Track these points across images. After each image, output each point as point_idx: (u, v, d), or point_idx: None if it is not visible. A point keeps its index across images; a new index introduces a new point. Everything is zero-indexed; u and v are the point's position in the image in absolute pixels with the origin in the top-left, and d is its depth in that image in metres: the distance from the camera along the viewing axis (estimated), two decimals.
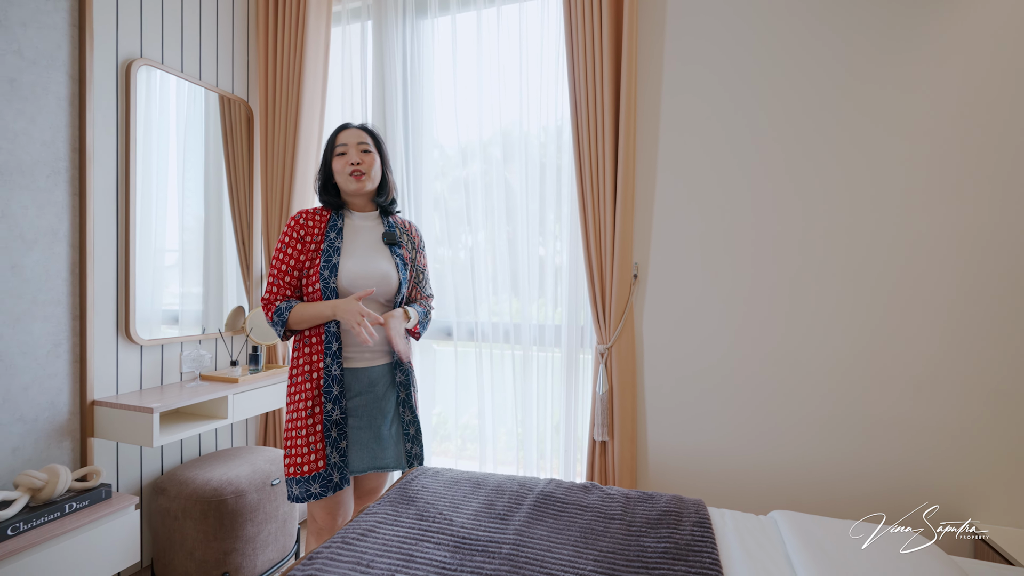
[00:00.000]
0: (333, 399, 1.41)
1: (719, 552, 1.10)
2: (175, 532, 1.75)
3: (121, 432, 1.64)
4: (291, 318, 1.41)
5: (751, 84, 1.78)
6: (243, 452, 2.05)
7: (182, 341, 1.99)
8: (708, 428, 1.85)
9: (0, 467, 1.48)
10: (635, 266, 1.92)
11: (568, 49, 1.86)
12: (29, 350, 1.54)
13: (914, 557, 1.02)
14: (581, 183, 1.86)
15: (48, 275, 1.59)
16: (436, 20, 2.22)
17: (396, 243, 1.54)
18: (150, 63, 1.85)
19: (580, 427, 2.00)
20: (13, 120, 1.50)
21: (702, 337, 1.85)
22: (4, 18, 1.47)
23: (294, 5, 2.18)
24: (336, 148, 1.50)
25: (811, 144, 1.73)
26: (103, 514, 1.51)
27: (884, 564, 1.00)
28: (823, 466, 1.73)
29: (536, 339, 2.07)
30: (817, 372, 1.73)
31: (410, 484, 1.40)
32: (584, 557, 1.07)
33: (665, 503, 1.30)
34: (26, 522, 1.38)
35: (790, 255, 1.76)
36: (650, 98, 1.90)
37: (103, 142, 1.72)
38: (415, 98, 2.23)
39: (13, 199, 1.50)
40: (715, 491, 1.83)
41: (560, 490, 1.38)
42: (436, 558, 1.06)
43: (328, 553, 1.08)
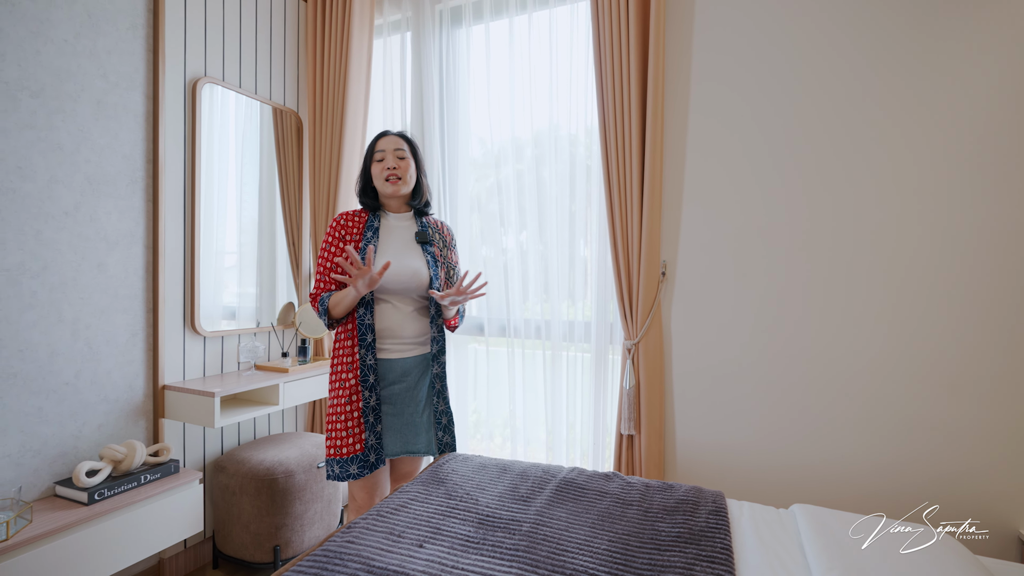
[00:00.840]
0: (369, 387, 1.52)
1: (732, 539, 1.13)
2: (233, 506, 1.93)
3: (187, 414, 1.83)
4: (329, 305, 1.55)
5: (781, 80, 1.78)
6: (292, 437, 2.22)
7: (239, 333, 2.18)
8: (736, 424, 1.85)
9: (88, 441, 1.69)
10: (663, 264, 1.94)
11: (596, 50, 1.91)
12: (112, 339, 1.75)
13: (933, 554, 1.01)
14: (608, 182, 1.91)
15: (127, 273, 1.79)
16: (470, 29, 2.32)
17: (428, 242, 1.65)
18: (213, 80, 2.04)
19: (608, 421, 2.05)
20: (100, 136, 1.71)
21: (731, 334, 1.86)
22: (93, 47, 1.68)
23: (339, 21, 2.34)
24: (375, 154, 1.62)
25: (842, 140, 1.71)
26: (172, 486, 1.69)
27: (899, 559, 1.01)
28: (854, 465, 1.70)
29: (566, 335, 2.13)
30: (848, 370, 1.71)
31: (441, 467, 1.50)
32: (599, 537, 1.13)
33: (683, 493, 1.33)
34: (109, 489, 1.57)
35: (821, 253, 1.74)
36: (678, 96, 1.92)
37: (172, 153, 1.92)
38: (451, 104, 2.34)
39: (99, 206, 1.71)
40: (742, 487, 1.83)
41: (582, 477, 1.44)
42: (461, 531, 1.15)
43: (364, 523, 1.18)
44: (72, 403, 1.65)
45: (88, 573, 1.46)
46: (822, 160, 1.73)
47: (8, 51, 1.49)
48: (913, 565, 0.96)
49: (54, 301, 1.60)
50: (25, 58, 1.53)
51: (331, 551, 1.06)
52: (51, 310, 1.59)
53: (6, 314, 1.50)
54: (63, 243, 1.62)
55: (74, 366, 1.65)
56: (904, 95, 1.63)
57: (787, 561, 1.06)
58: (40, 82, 1.56)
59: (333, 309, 1.54)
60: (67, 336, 1.63)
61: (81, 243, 1.66)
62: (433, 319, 1.61)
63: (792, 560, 1.06)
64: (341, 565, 1.01)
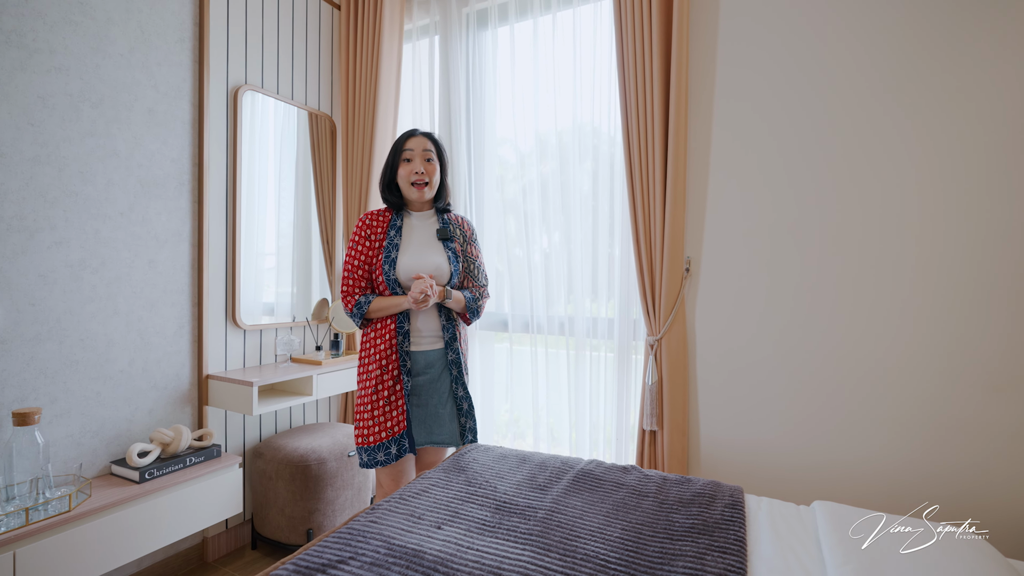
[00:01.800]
0: (408, 371, 1.60)
1: (746, 531, 1.13)
2: (269, 491, 2.04)
3: (228, 401, 1.95)
4: (372, 309, 1.61)
5: (809, 70, 1.74)
6: (325, 427, 2.32)
7: (276, 327, 2.30)
8: (761, 422, 1.82)
9: (139, 424, 1.82)
10: (687, 260, 1.93)
11: (618, 44, 1.92)
12: (161, 330, 1.88)
13: (957, 554, 0.99)
14: (631, 178, 1.91)
15: (175, 269, 1.92)
16: (496, 31, 2.36)
17: (449, 238, 1.70)
18: (253, 88, 2.16)
19: (631, 417, 2.05)
20: (151, 142, 1.84)
21: (757, 331, 1.83)
22: (146, 60, 1.82)
23: (371, 28, 2.43)
24: (403, 153, 1.68)
25: (873, 132, 1.66)
26: (214, 469, 1.80)
27: (921, 558, 0.98)
28: (884, 466, 1.65)
29: (590, 331, 2.14)
30: (877, 368, 1.66)
31: (463, 456, 1.55)
32: (612, 526, 1.15)
33: (701, 486, 1.33)
34: (158, 469, 1.69)
35: (849, 249, 1.70)
36: (703, 87, 1.91)
37: (216, 157, 2.04)
38: (477, 105, 2.39)
39: (151, 207, 1.84)
40: (765, 485, 1.80)
41: (600, 469, 1.46)
42: (478, 516, 1.19)
43: (388, 505, 1.24)
44: (126, 389, 1.78)
45: (139, 545, 1.58)
46: (851, 153, 1.69)
47: (72, 66, 1.63)
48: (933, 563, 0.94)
49: (111, 295, 1.74)
50: (87, 72, 1.67)
51: (355, 529, 1.13)
52: (108, 303, 1.73)
53: (70, 306, 1.64)
54: (119, 241, 1.75)
55: (128, 355, 1.79)
56: (936, 90, 1.58)
57: (802, 555, 1.05)
58: (100, 94, 1.70)
59: (375, 313, 1.61)
60: (122, 327, 1.77)
61: (134, 241, 1.80)
62: (441, 310, 1.67)
63: (807, 554, 1.06)
64: (363, 542, 1.07)
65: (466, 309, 1.71)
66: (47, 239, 1.58)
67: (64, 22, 1.61)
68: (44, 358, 1.58)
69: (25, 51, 1.53)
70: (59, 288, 1.61)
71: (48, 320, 1.59)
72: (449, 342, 1.67)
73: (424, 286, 1.52)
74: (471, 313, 1.72)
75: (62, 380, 1.62)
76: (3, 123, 1.49)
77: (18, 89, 1.52)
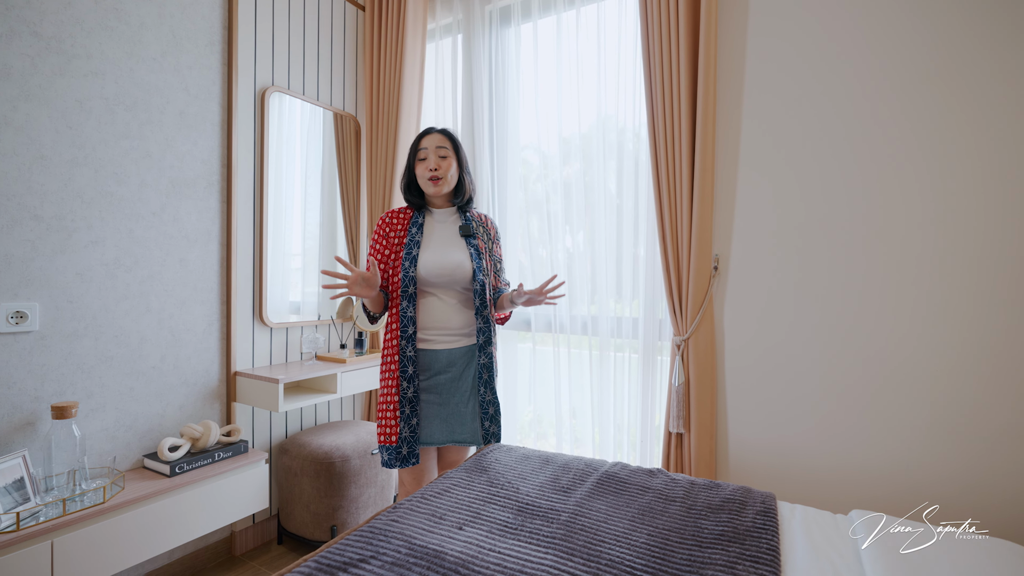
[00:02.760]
0: (408, 377, 1.58)
1: (780, 540, 1.08)
2: (295, 487, 2.06)
3: (255, 398, 1.98)
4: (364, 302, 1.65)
5: (843, 62, 1.67)
6: (349, 424, 2.34)
7: (302, 325, 2.33)
8: (793, 425, 1.75)
9: (171, 420, 1.86)
10: (715, 258, 1.88)
11: (644, 35, 1.87)
12: (191, 328, 1.92)
13: (1007, 565, 0.92)
14: (657, 174, 1.87)
15: (204, 268, 1.96)
16: (519, 27, 2.34)
17: (471, 235, 1.69)
18: (280, 90, 2.19)
19: (657, 418, 2.00)
20: (182, 144, 1.88)
21: (789, 332, 1.77)
22: (177, 64, 1.86)
23: (395, 27, 2.44)
24: (418, 152, 1.68)
25: (911, 125, 1.58)
26: (241, 464, 1.83)
27: (972, 572, 0.92)
28: (926, 474, 1.56)
29: (614, 331, 2.10)
30: (919, 372, 1.58)
31: (485, 456, 1.53)
32: (638, 531, 1.11)
33: (731, 492, 1.29)
34: (188, 464, 1.73)
35: (889, 248, 1.62)
36: (732, 79, 1.85)
37: (244, 158, 2.08)
38: (500, 103, 2.38)
39: (181, 207, 1.88)
40: (798, 491, 1.73)
41: (625, 472, 1.42)
42: (500, 517, 1.17)
43: (409, 505, 1.24)
44: (158, 385, 1.83)
45: (170, 538, 1.62)
46: (886, 148, 1.61)
47: (108, 70, 1.68)
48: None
49: (143, 293, 1.78)
50: (121, 76, 1.71)
51: (377, 528, 1.12)
52: (141, 301, 1.78)
53: (105, 304, 1.69)
54: (151, 241, 1.80)
55: (160, 351, 1.83)
56: (977, 80, 1.49)
57: (840, 567, 1.00)
58: (133, 97, 1.74)
59: (368, 305, 1.65)
60: (154, 324, 1.81)
61: (166, 241, 1.84)
62: (478, 311, 1.64)
63: (847, 567, 1.00)
64: (385, 541, 1.06)
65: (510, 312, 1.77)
66: (84, 238, 1.63)
67: (100, 28, 1.66)
68: (81, 354, 1.63)
69: (64, 56, 1.58)
70: (95, 286, 1.66)
71: (85, 317, 1.64)
72: (483, 345, 1.64)
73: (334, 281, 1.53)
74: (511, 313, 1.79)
75: (98, 375, 1.67)
76: (44, 126, 1.55)
77: (58, 94, 1.57)
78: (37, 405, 1.54)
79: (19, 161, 1.50)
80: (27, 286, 1.52)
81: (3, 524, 1.33)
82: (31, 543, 1.34)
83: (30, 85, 1.51)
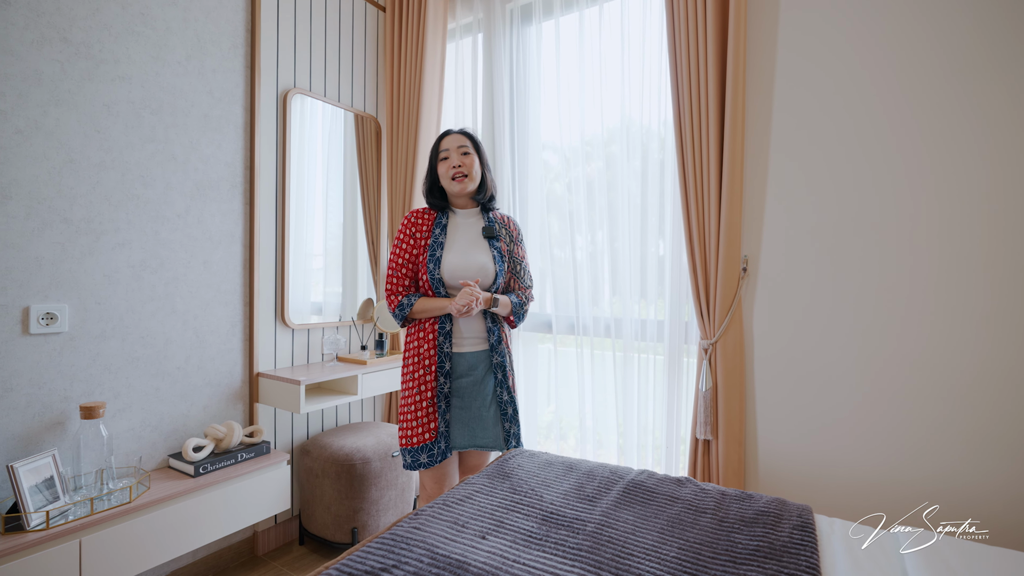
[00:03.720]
0: (446, 373, 1.57)
1: (820, 558, 1.02)
2: (316, 488, 2.06)
3: (277, 399, 1.98)
4: (414, 310, 1.60)
5: (881, 51, 1.59)
6: (370, 426, 2.33)
7: (323, 327, 2.33)
8: (829, 434, 1.68)
9: (195, 420, 1.88)
10: (744, 259, 1.82)
11: (669, 26, 1.82)
12: (215, 329, 1.94)
13: None
14: (683, 169, 1.81)
15: (228, 269, 1.97)
16: (541, 25, 2.31)
17: (494, 236, 1.67)
18: (302, 92, 2.20)
19: (683, 424, 1.95)
20: (206, 146, 1.90)
21: (823, 335, 1.69)
22: (201, 67, 1.87)
23: (415, 28, 2.43)
24: (440, 153, 1.67)
25: (955, 117, 1.50)
26: (264, 465, 1.83)
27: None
28: (975, 488, 1.48)
29: (638, 334, 2.05)
30: (965, 378, 1.49)
31: (507, 462, 1.50)
32: (668, 544, 1.07)
33: (765, 504, 1.23)
34: (211, 464, 1.74)
35: (931, 248, 1.54)
36: (762, 71, 1.78)
37: (266, 160, 2.09)
38: (521, 102, 2.34)
39: (205, 209, 1.90)
40: (834, 504, 1.66)
41: (652, 480, 1.38)
42: (523, 526, 1.14)
43: (431, 512, 1.21)
44: (183, 385, 1.84)
45: (194, 537, 1.63)
46: (932, 139, 1.53)
47: (134, 75, 1.70)
48: None
49: (169, 294, 1.80)
50: (147, 80, 1.73)
51: (398, 536, 1.10)
52: (166, 302, 1.79)
53: (131, 305, 1.71)
54: (176, 243, 1.82)
55: (184, 352, 1.85)
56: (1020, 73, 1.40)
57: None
58: (159, 100, 1.76)
59: (418, 314, 1.60)
60: (179, 325, 1.83)
61: (190, 243, 1.86)
62: (486, 313, 1.64)
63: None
64: (407, 549, 1.04)
65: (512, 313, 1.69)
66: (111, 241, 1.66)
67: (127, 33, 1.68)
68: (108, 354, 1.65)
69: (92, 61, 1.60)
70: (122, 288, 1.68)
71: (112, 318, 1.66)
72: (495, 345, 1.64)
73: (470, 298, 1.49)
74: (516, 317, 1.71)
75: (124, 376, 1.69)
76: (73, 130, 1.57)
77: (87, 98, 1.59)
78: (66, 405, 1.57)
79: (49, 165, 1.52)
80: (57, 288, 1.55)
81: (34, 522, 1.35)
82: (61, 541, 1.36)
83: (60, 90, 1.54)
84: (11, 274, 1.46)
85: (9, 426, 1.46)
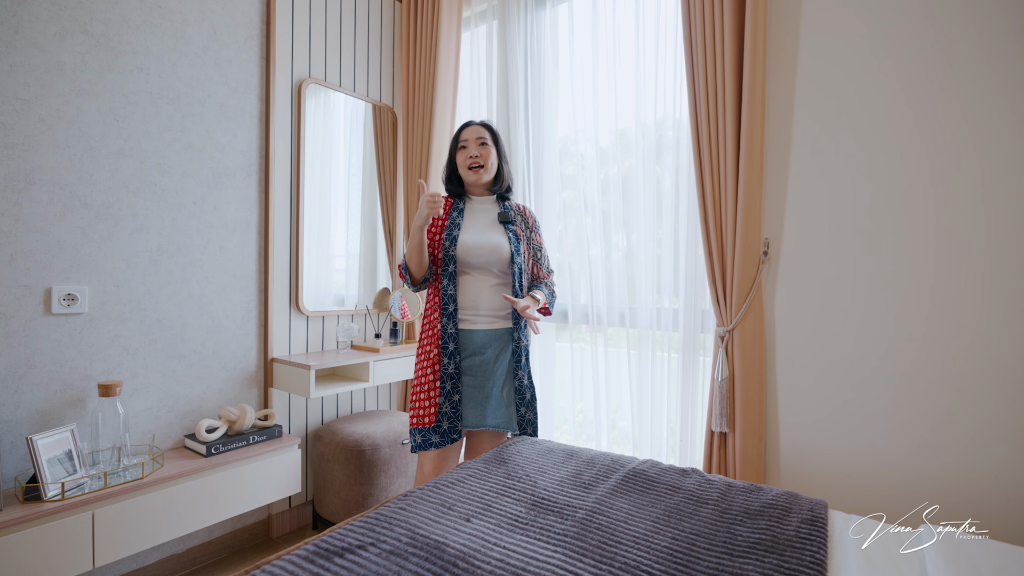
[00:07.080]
0: (449, 354, 1.58)
1: (827, 553, 0.93)
2: (327, 473, 2.08)
3: (290, 384, 2.01)
4: (405, 257, 1.62)
5: (917, 17, 1.46)
6: (382, 414, 2.34)
7: (338, 314, 2.35)
8: (856, 429, 1.56)
9: (210, 402, 1.93)
10: (765, 242, 1.71)
11: (685, 9, 1.73)
12: (230, 314, 1.98)
13: None
14: (699, 151, 1.72)
15: (243, 256, 2.02)
16: (555, 8, 2.26)
17: (509, 221, 1.71)
18: (316, 81, 2.23)
19: (699, 416, 1.85)
20: (222, 135, 1.94)
21: (852, 324, 1.57)
22: (217, 58, 1.92)
23: (430, 17, 2.42)
24: (459, 143, 1.72)
25: (994, 101, 1.35)
26: (276, 448, 1.86)
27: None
28: (1010, 487, 1.33)
29: (652, 322, 1.97)
30: (1006, 370, 1.34)
31: (506, 448, 1.46)
32: (662, 534, 1.00)
33: (773, 497, 1.14)
34: (224, 445, 1.77)
35: (968, 231, 1.39)
36: (785, 44, 1.67)
37: (281, 149, 2.12)
38: (535, 89, 2.30)
39: (221, 196, 1.94)
40: (860, 502, 1.53)
41: (654, 470, 1.30)
42: (511, 511, 1.10)
43: (419, 494, 1.19)
44: (198, 368, 1.89)
45: (204, 516, 1.66)
46: (969, 110, 1.39)
47: (152, 65, 1.76)
48: None
49: (185, 279, 1.85)
50: (165, 71, 1.79)
51: (383, 515, 1.08)
52: (183, 287, 1.85)
53: (148, 289, 1.76)
54: (192, 229, 1.87)
55: (200, 336, 1.90)
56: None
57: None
58: (176, 90, 1.82)
59: (408, 259, 1.62)
60: (195, 310, 1.88)
61: (207, 229, 1.90)
62: (515, 294, 1.63)
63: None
64: (387, 529, 1.02)
65: (547, 303, 1.72)
66: (129, 226, 1.72)
67: (145, 25, 1.74)
68: (126, 336, 1.72)
69: (112, 53, 1.67)
70: (140, 272, 1.74)
71: (130, 301, 1.72)
72: (520, 326, 1.66)
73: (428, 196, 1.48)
74: (551, 304, 1.74)
75: (142, 357, 1.75)
76: (93, 119, 1.63)
77: (106, 88, 1.66)
78: (86, 383, 1.63)
79: (71, 152, 1.59)
80: (78, 270, 1.61)
81: (50, 493, 1.41)
82: (75, 512, 1.41)
83: (80, 80, 1.60)
84: (34, 256, 1.53)
85: (32, 401, 1.53)
